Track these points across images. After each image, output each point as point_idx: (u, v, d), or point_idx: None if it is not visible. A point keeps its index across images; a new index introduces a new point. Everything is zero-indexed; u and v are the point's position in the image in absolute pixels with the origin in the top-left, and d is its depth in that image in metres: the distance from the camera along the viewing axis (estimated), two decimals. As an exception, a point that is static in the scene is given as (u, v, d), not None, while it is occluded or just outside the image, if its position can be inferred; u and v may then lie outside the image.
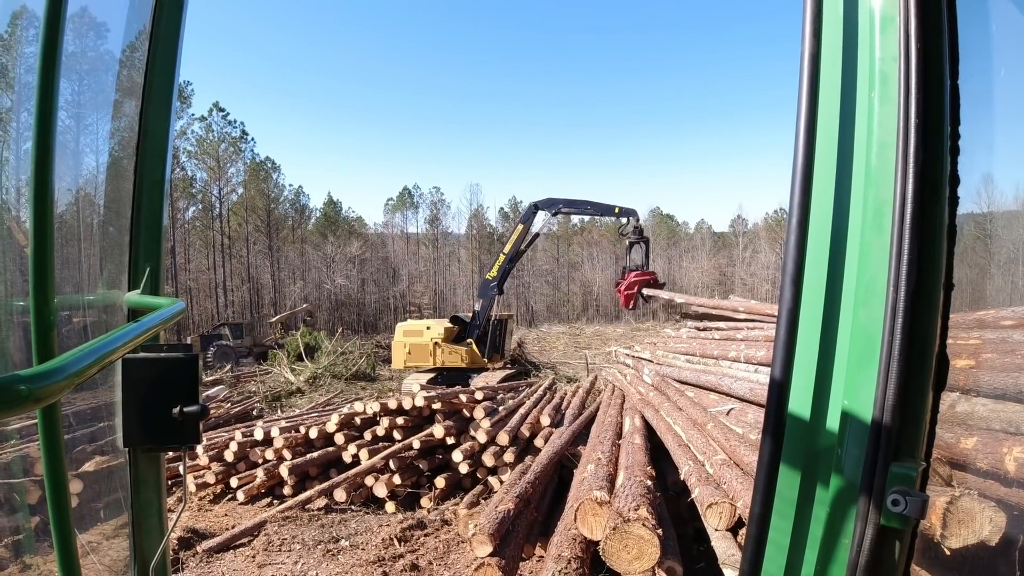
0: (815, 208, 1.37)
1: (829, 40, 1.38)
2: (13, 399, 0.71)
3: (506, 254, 23.15)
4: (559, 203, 22.76)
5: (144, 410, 1.55)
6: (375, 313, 67.25)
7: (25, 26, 1.57)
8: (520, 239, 23.11)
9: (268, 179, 64.57)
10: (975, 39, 1.33)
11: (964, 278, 1.45)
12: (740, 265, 72.10)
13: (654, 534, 4.32)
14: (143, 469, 1.75)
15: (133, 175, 1.85)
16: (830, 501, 1.34)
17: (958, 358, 1.60)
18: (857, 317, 1.33)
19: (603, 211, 23.20)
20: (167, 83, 1.88)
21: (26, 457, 1.91)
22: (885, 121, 1.29)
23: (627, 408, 10.83)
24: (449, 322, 23.81)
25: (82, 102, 1.90)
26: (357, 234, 71.82)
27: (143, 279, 1.82)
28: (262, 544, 7.18)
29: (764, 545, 1.38)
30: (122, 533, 1.88)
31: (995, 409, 2.45)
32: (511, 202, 76.17)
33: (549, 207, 22.74)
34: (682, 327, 18.33)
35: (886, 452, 1.23)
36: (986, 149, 1.45)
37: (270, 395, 20.43)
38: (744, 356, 9.93)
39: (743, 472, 5.43)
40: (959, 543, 1.99)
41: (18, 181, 1.66)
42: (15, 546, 1.82)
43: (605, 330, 46.85)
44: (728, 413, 7.57)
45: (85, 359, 0.91)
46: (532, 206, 22.90)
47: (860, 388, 1.30)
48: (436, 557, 6.78)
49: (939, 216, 1.24)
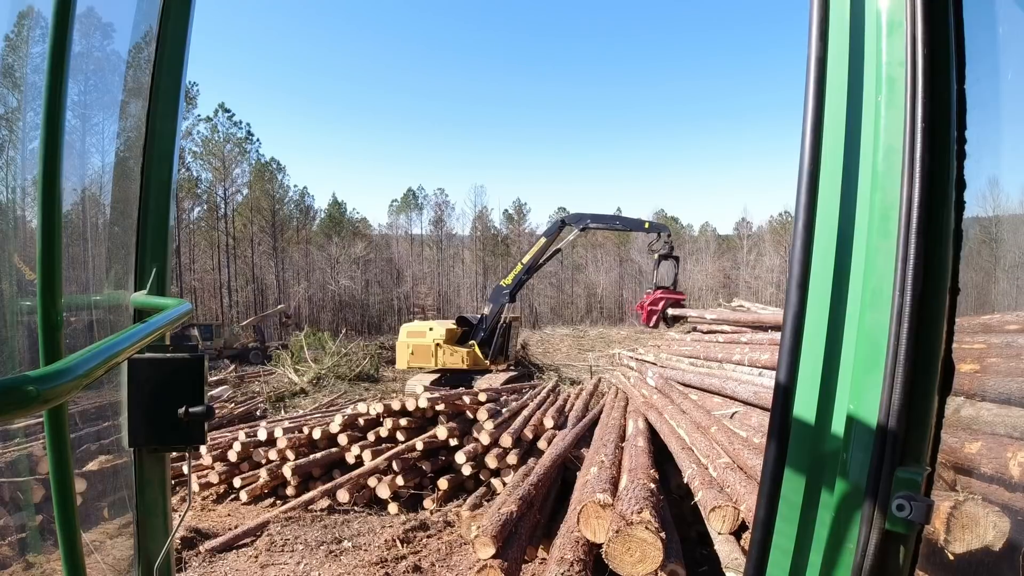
0: (821, 212, 1.37)
1: (836, 44, 1.38)
2: (22, 400, 0.71)
3: (524, 264, 22.81)
4: (587, 218, 22.19)
5: (150, 410, 1.56)
6: (379, 314, 67.33)
7: (32, 26, 1.58)
8: (541, 252, 22.75)
9: (273, 180, 64.72)
10: (982, 43, 1.33)
11: (970, 282, 1.45)
12: (745, 268, 72.01)
13: (657, 537, 4.31)
14: (148, 469, 1.76)
15: (140, 176, 1.86)
16: (835, 505, 1.33)
17: (963, 362, 1.59)
18: (863, 321, 1.33)
19: (633, 226, 22.68)
20: (174, 84, 1.89)
21: (31, 456, 1.92)
22: (891, 125, 1.29)
23: (631, 411, 10.81)
24: (455, 323, 23.84)
25: (88, 102, 1.90)
26: (361, 235, 71.94)
27: (149, 279, 1.83)
28: (265, 544, 7.18)
29: (768, 549, 1.37)
30: (126, 532, 1.88)
31: (1000, 414, 2.44)
32: (515, 204, 76.35)
33: (577, 222, 22.17)
34: (687, 330, 18.30)
35: (891, 457, 1.23)
36: (993, 153, 1.45)
37: (274, 395, 20.46)
38: (748, 359, 9.92)
39: (747, 476, 5.42)
40: (963, 548, 1.98)
41: (24, 181, 1.67)
42: (20, 545, 1.82)
43: (609, 332, 46.80)
44: (732, 416, 7.55)
45: (93, 360, 0.91)
46: (559, 221, 22.56)
47: (866, 392, 1.30)
48: (439, 559, 6.77)
49: (945, 221, 1.24)
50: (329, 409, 15.15)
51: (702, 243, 78.15)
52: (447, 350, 22.60)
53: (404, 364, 23.40)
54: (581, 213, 22.46)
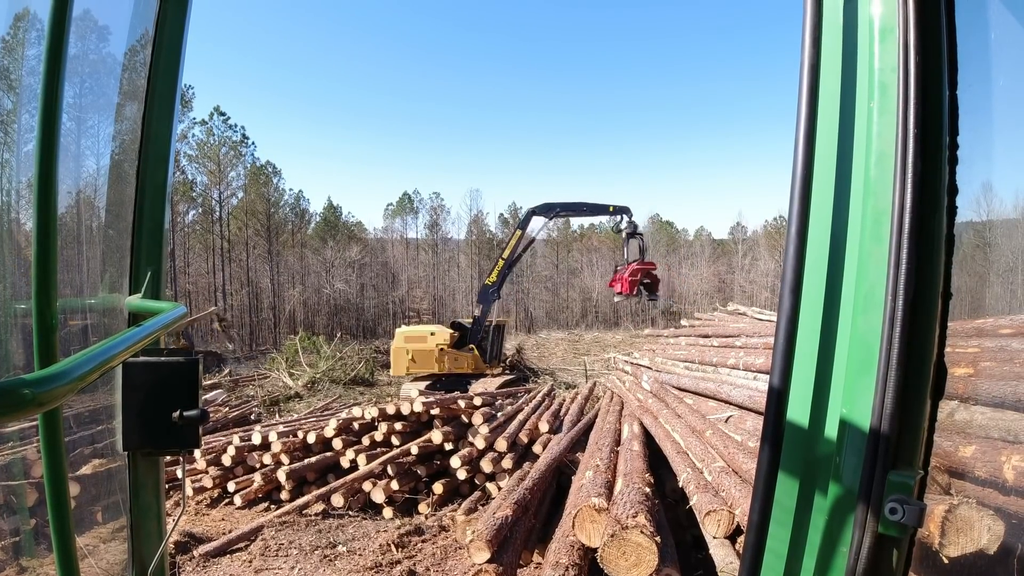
0: (814, 217, 1.37)
1: (829, 50, 1.39)
2: (17, 403, 0.71)
3: (505, 259, 23.22)
4: (556, 207, 23.08)
5: (144, 414, 1.56)
6: (374, 318, 67.18)
7: (27, 28, 1.57)
8: (517, 244, 23.24)
9: (268, 183, 64.57)
10: (974, 49, 1.34)
11: (963, 286, 1.46)
12: (739, 272, 72.16)
13: (652, 541, 4.31)
14: (142, 473, 1.75)
15: (135, 179, 1.85)
16: (828, 509, 1.34)
17: (957, 366, 1.60)
18: (856, 326, 1.34)
19: (598, 211, 23.52)
20: (170, 87, 1.89)
21: (24, 459, 1.91)
22: (884, 131, 1.30)
23: (626, 415, 10.82)
24: (451, 327, 23.68)
25: (83, 105, 1.90)
26: (357, 239, 71.81)
27: (144, 283, 1.83)
28: (259, 549, 7.16)
29: (762, 553, 1.38)
30: (119, 536, 1.88)
31: (994, 417, 2.45)
32: (511, 208, 76.19)
33: (546, 212, 22.97)
34: (680, 335, 18.38)
35: (884, 460, 1.23)
36: (985, 158, 1.46)
37: (268, 399, 20.36)
38: (743, 363, 9.95)
39: (741, 479, 5.43)
40: (957, 552, 1.99)
41: (18, 183, 1.66)
42: (12, 549, 1.81)
43: (604, 336, 46.82)
44: (727, 420, 7.57)
45: (88, 363, 0.91)
46: (529, 212, 23.09)
47: (859, 396, 1.30)
48: (434, 563, 6.76)
49: (938, 226, 1.24)
50: (324, 413, 15.12)
51: (697, 247, 78.24)
52: (451, 354, 22.13)
53: (403, 371, 22.38)
54: (549, 203, 23.10)
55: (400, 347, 22.57)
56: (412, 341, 22.53)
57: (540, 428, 10.36)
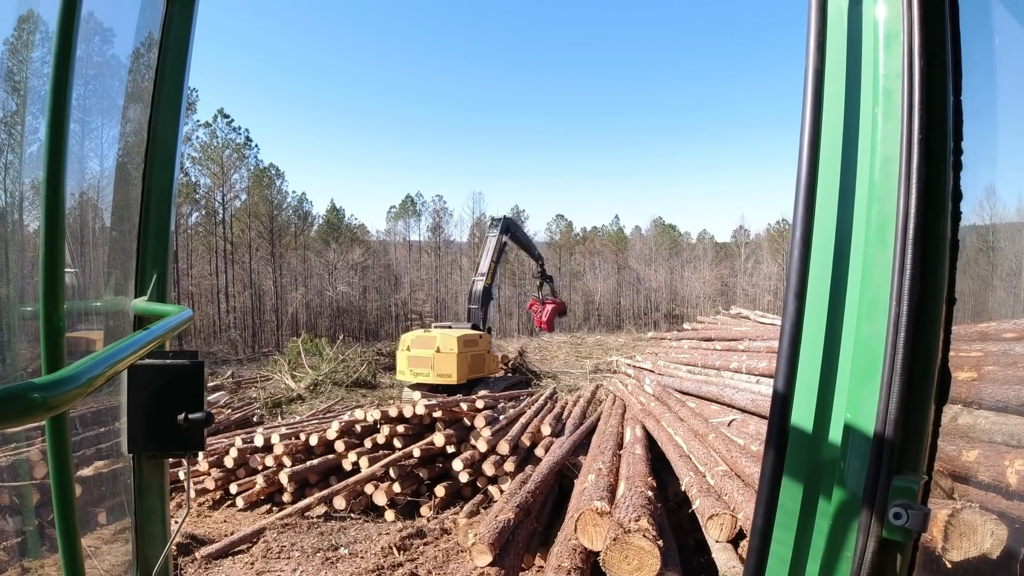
0: (818, 222, 1.38)
1: (833, 55, 1.39)
2: (27, 407, 0.72)
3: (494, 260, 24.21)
4: (516, 231, 25.49)
5: (149, 416, 1.56)
6: (377, 320, 67.14)
7: (32, 30, 1.58)
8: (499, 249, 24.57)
9: (271, 186, 64.59)
10: (978, 54, 1.34)
11: (966, 290, 1.46)
12: (742, 276, 72.03)
13: (655, 545, 4.31)
14: (147, 475, 1.76)
15: (141, 182, 1.86)
16: (832, 513, 1.34)
17: (960, 370, 1.60)
18: (860, 330, 1.34)
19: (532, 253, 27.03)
20: (176, 90, 1.89)
21: (28, 460, 1.92)
22: (888, 137, 1.30)
23: (628, 418, 10.81)
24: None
25: (88, 107, 1.90)
26: (359, 241, 71.81)
27: (150, 285, 1.83)
28: (261, 551, 7.16)
29: (766, 557, 1.38)
30: (122, 538, 1.88)
31: (997, 422, 2.45)
32: (514, 211, 76.14)
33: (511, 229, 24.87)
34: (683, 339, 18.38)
35: (888, 465, 1.23)
36: (989, 161, 1.46)
37: (271, 401, 20.35)
38: (746, 367, 9.94)
39: (744, 483, 5.42)
40: (961, 556, 1.99)
41: (23, 184, 1.67)
42: (17, 549, 1.82)
43: (607, 340, 46.72)
44: (729, 424, 7.56)
45: (97, 367, 0.92)
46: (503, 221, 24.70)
47: (863, 401, 1.30)
48: (435, 566, 6.75)
49: (942, 231, 1.24)
50: (326, 415, 15.11)
51: (700, 251, 78.06)
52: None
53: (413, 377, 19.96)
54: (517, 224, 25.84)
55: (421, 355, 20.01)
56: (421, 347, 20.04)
57: (542, 431, 10.36)
